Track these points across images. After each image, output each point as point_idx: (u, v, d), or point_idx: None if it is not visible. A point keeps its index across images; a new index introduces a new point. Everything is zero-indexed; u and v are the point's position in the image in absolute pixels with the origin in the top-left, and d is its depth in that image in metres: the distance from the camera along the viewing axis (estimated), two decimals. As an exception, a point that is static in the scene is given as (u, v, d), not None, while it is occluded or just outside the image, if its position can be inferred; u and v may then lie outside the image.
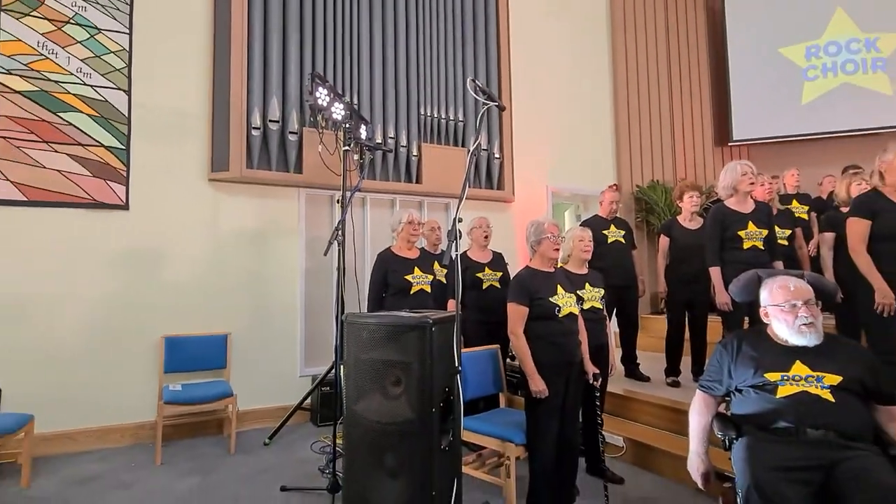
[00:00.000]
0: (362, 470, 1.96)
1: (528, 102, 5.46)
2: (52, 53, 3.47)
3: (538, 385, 2.30)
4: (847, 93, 6.16)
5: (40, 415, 3.09)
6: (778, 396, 1.71)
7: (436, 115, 4.74)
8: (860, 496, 1.46)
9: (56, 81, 3.46)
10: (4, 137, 3.30)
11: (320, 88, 3.12)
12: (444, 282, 3.46)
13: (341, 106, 3.22)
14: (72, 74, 3.51)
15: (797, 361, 1.75)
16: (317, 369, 4.06)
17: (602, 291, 2.85)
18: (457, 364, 1.90)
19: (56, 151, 3.43)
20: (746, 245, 2.98)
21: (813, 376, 1.71)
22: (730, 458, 1.74)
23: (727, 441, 1.78)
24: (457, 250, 1.90)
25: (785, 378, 1.73)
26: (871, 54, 6.10)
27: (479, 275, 3.35)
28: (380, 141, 4.39)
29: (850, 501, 1.48)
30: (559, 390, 2.36)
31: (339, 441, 2.48)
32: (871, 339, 2.60)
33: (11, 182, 3.29)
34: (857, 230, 2.57)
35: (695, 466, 1.85)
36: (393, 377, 1.94)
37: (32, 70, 3.41)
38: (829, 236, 3.34)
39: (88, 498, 2.64)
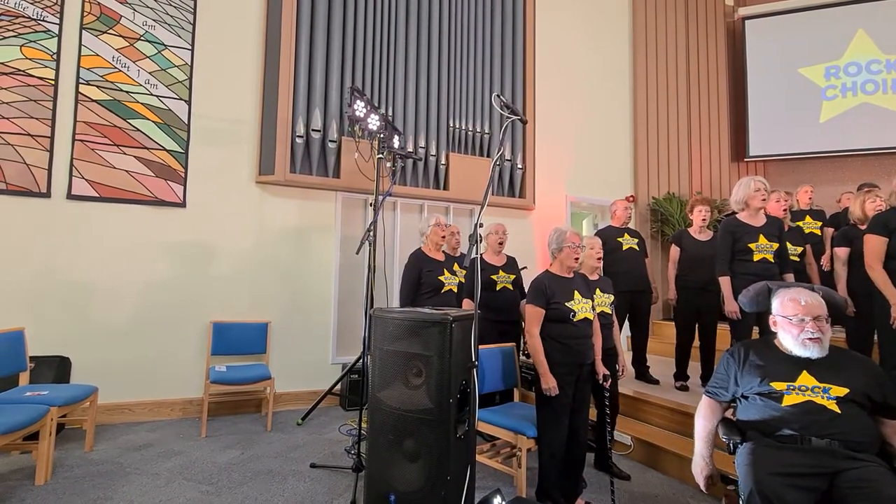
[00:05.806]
0: (384, 453, 1.98)
1: (551, 116, 5.41)
2: (125, 67, 3.64)
3: (549, 382, 2.28)
4: (866, 112, 5.87)
5: (103, 387, 3.26)
6: (784, 405, 1.65)
7: (463, 127, 4.75)
8: (862, 506, 1.40)
9: (127, 92, 3.63)
10: (82, 141, 3.48)
11: (358, 101, 3.18)
12: (463, 282, 3.46)
13: (377, 117, 3.26)
14: (140, 86, 3.67)
15: (804, 372, 1.68)
16: (347, 358, 4.12)
17: (612, 297, 2.80)
18: (474, 359, 1.90)
19: (125, 154, 3.59)
20: (756, 257, 2.89)
21: (819, 387, 1.64)
22: (734, 462, 1.69)
23: (731, 445, 1.73)
24: (477, 253, 1.90)
25: (791, 388, 1.67)
26: (891, 75, 5.80)
27: (494, 277, 3.33)
28: (411, 150, 4.43)
29: (852, 511, 1.42)
30: (569, 389, 2.33)
31: (364, 425, 2.52)
32: (884, 353, 2.48)
33: (86, 180, 3.47)
34: (874, 246, 2.47)
35: (699, 469, 1.80)
36: (414, 368, 1.96)
37: (107, 81, 3.58)
38: (843, 251, 3.20)
39: (142, 463, 2.75)
